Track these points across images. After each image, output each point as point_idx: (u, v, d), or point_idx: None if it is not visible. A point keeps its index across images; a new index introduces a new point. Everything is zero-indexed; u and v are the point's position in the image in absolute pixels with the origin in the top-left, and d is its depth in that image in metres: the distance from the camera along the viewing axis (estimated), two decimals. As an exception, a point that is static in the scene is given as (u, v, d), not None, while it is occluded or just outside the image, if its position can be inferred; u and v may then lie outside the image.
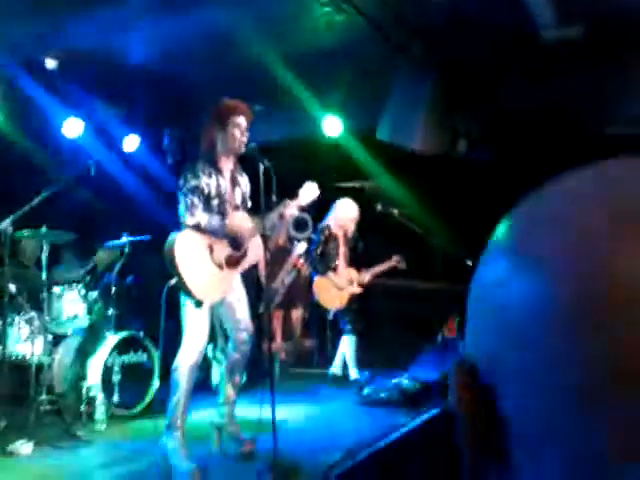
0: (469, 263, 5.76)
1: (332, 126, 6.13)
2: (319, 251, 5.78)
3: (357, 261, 5.98)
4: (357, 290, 5.82)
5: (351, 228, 5.90)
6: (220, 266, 3.55)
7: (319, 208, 5.37)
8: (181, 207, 3.49)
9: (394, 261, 5.86)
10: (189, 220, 3.45)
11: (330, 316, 5.85)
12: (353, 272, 5.87)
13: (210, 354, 5.10)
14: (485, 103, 5.67)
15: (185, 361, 3.47)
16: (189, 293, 3.42)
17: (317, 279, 5.81)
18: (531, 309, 0.38)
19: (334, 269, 5.78)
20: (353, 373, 5.67)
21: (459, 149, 5.85)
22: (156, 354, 4.77)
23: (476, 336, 0.43)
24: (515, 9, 4.27)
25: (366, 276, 5.87)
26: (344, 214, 5.86)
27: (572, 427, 0.35)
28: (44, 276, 4.44)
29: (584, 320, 0.35)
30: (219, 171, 3.64)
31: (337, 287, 5.73)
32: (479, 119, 5.95)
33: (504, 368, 0.40)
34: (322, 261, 5.77)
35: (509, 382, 0.39)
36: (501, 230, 0.43)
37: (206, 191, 3.54)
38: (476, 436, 0.40)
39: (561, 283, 0.37)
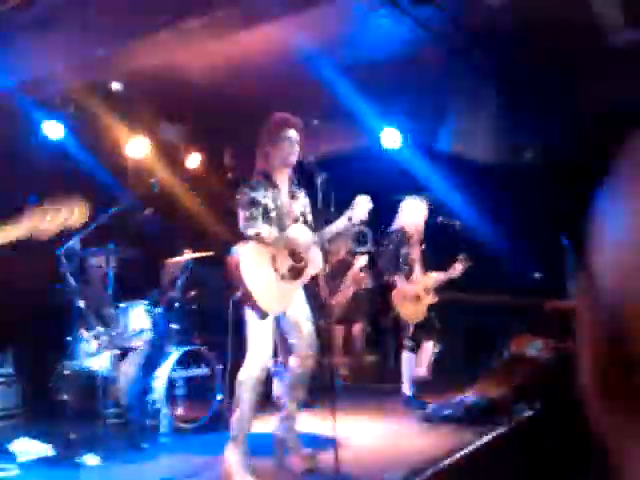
0: (536, 276, 5.58)
1: (391, 138, 6.09)
2: (392, 257, 5.40)
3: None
4: (434, 300, 5.45)
5: (422, 227, 5.53)
6: (283, 277, 3.55)
7: (378, 221, 5.29)
8: (241, 220, 3.52)
9: (460, 261, 5.45)
10: (250, 231, 3.47)
11: (410, 330, 5.50)
12: (428, 279, 5.49)
13: (272, 368, 5.10)
14: (551, 110, 5.50)
15: (249, 375, 3.48)
16: (254, 305, 3.43)
17: (395, 290, 5.40)
18: None
19: (409, 276, 5.43)
20: (423, 373, 5.40)
21: (525, 158, 5.69)
22: (218, 368, 4.81)
23: None
24: (580, 12, 4.16)
25: (438, 278, 5.46)
26: (416, 212, 5.49)
27: None
28: (110, 292, 4.56)
29: None
30: (275, 185, 3.67)
31: (415, 297, 5.38)
32: (546, 127, 5.79)
33: None
34: (397, 267, 5.39)
35: None
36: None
37: (264, 204, 3.57)
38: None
39: None
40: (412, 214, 5.49)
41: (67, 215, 2.42)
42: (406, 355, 5.39)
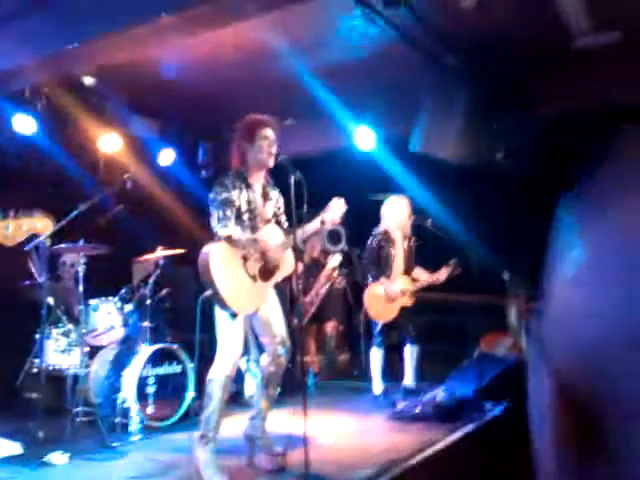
0: (505, 277, 5.64)
1: (365, 138, 6.10)
2: (373, 258, 5.37)
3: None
4: (408, 302, 5.39)
5: (409, 226, 5.46)
6: (254, 278, 3.56)
7: (354, 220, 5.30)
8: (213, 219, 3.51)
9: (449, 266, 5.39)
10: (221, 232, 3.47)
11: (377, 329, 5.38)
12: (407, 281, 5.43)
13: (244, 366, 5.11)
14: (522, 112, 5.56)
15: (220, 373, 3.47)
16: (224, 305, 3.42)
17: (368, 291, 5.40)
18: None
19: (388, 276, 5.36)
20: (409, 381, 5.39)
21: (496, 160, 5.73)
22: (190, 366, 4.79)
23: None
24: (548, 17, 4.22)
25: (422, 282, 5.40)
26: (398, 211, 5.42)
27: None
28: (81, 289, 4.50)
29: None
30: (249, 185, 3.66)
31: (388, 298, 5.32)
32: (517, 128, 5.85)
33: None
34: (377, 269, 5.36)
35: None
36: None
37: (237, 204, 3.56)
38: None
39: None
40: (395, 214, 5.45)
41: (30, 227, 2.44)
42: (373, 352, 5.41)
